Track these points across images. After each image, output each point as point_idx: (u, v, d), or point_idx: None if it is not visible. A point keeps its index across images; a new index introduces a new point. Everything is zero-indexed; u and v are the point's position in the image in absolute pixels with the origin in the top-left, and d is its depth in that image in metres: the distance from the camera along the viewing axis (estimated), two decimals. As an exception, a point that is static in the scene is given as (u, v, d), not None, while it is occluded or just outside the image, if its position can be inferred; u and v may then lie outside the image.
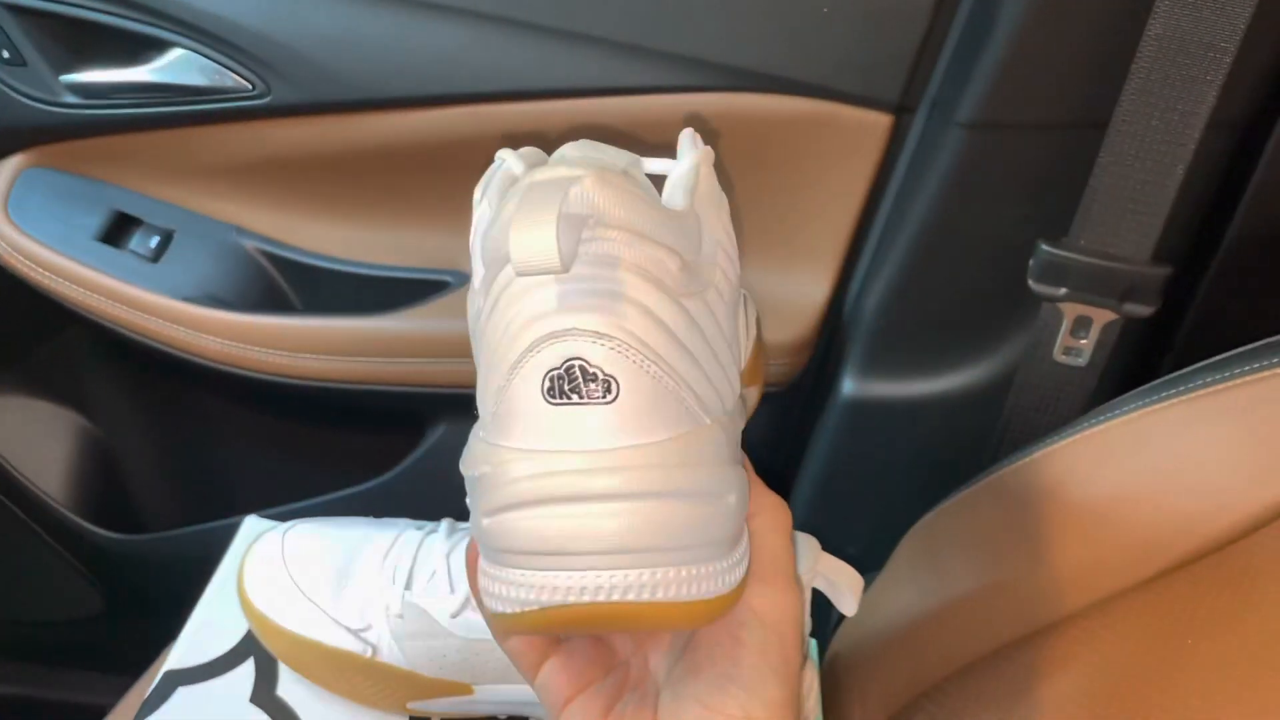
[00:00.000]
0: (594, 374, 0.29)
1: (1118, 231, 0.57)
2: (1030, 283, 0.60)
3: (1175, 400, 0.48)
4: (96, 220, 0.74)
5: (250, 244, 0.75)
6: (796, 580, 0.36)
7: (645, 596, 0.29)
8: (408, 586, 0.51)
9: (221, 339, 0.72)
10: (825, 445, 0.73)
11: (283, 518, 0.60)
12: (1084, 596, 0.47)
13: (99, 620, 0.89)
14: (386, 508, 0.61)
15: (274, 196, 0.75)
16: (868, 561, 0.52)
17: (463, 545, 0.53)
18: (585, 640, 0.37)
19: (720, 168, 0.68)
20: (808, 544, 0.45)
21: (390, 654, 0.51)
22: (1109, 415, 0.50)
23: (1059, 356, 0.61)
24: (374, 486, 0.78)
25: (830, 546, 0.45)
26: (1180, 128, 0.55)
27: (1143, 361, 0.66)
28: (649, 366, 0.29)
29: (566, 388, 0.29)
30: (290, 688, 0.54)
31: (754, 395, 0.47)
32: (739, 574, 0.32)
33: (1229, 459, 0.45)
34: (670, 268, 0.30)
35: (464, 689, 0.52)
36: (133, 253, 0.74)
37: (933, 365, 0.70)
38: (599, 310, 0.29)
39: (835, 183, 0.68)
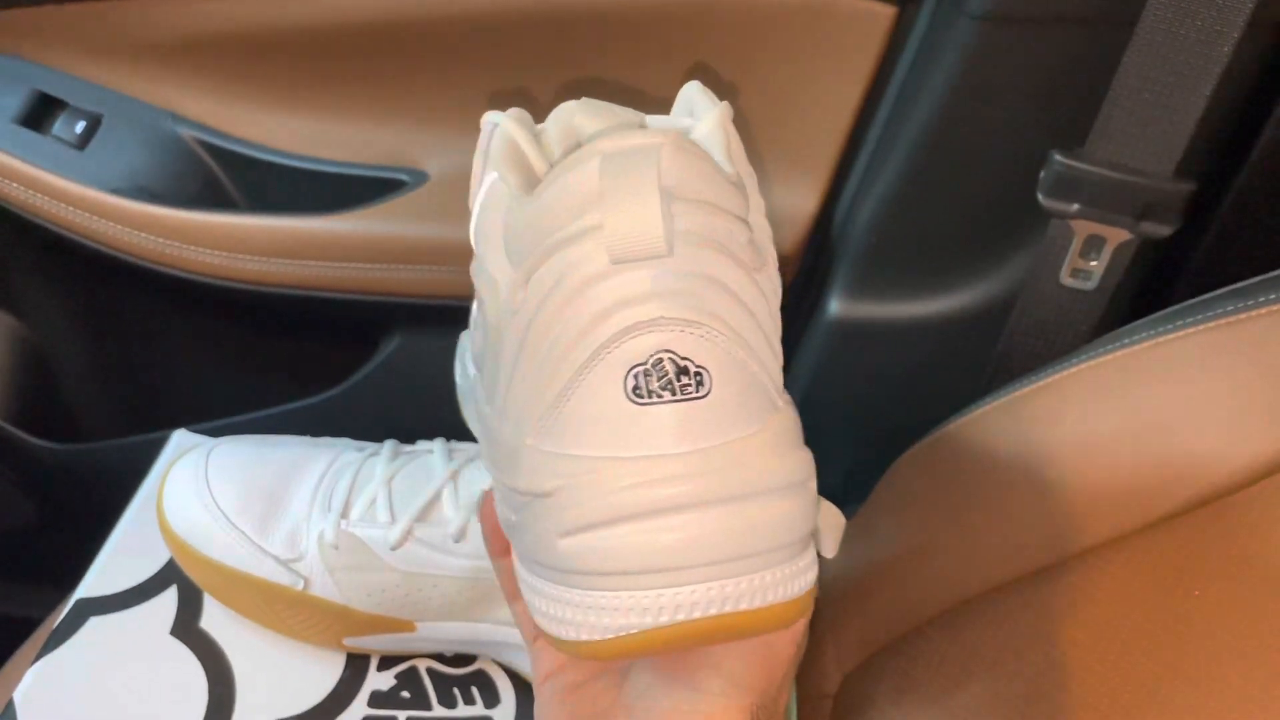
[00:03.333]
0: (685, 366, 0.27)
1: (1139, 142, 0.53)
2: (1040, 197, 0.56)
3: (1190, 330, 0.46)
4: (15, 101, 0.68)
5: (187, 132, 0.70)
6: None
7: (756, 603, 0.28)
8: (344, 515, 0.47)
9: (155, 236, 0.67)
10: (807, 370, 0.70)
11: (222, 431, 0.56)
12: (1078, 541, 0.45)
13: (32, 531, 0.86)
14: (334, 425, 0.58)
15: (214, 80, 0.69)
16: (848, 494, 0.50)
17: (406, 470, 0.49)
18: None
19: (696, 58, 0.63)
20: None
21: (323, 587, 0.47)
22: (1116, 345, 0.47)
23: (1066, 279, 0.57)
24: (321, 401, 0.74)
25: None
26: (1218, 26, 0.50)
27: (1154, 287, 0.62)
28: (737, 353, 0.27)
29: (656, 384, 0.27)
30: (215, 620, 0.50)
31: None
32: (817, 566, 0.31)
33: (1247, 395, 0.43)
34: (742, 241, 0.28)
35: (405, 625, 0.48)
36: (56, 138, 0.68)
37: (927, 286, 0.66)
38: (686, 295, 0.26)
39: (829, 81, 0.63)
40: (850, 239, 0.66)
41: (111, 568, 0.51)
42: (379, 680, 0.49)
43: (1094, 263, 0.56)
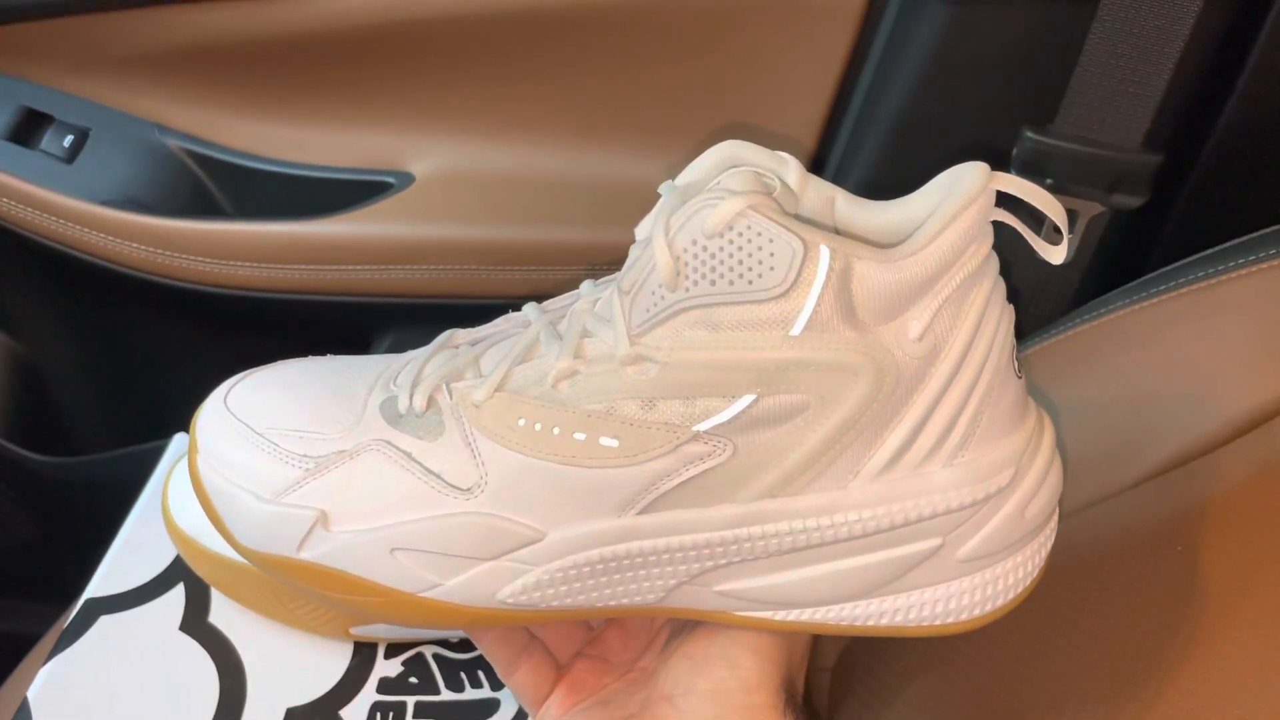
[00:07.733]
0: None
1: (1107, 116, 0.54)
2: (1013, 174, 0.56)
3: (1165, 296, 0.46)
4: (3, 118, 0.69)
5: (173, 143, 0.71)
6: None
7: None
8: (346, 505, 0.47)
9: (146, 246, 0.68)
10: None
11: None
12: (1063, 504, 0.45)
13: (34, 547, 0.85)
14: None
15: (198, 90, 0.70)
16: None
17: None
18: (586, 665, 0.39)
19: (673, 52, 0.64)
20: None
21: (329, 577, 0.47)
22: (1093, 314, 0.48)
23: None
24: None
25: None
26: (1177, 1, 0.51)
27: (1129, 258, 0.63)
28: None
29: (1018, 354, 0.32)
30: (224, 614, 0.50)
31: None
32: None
33: (1222, 357, 0.44)
34: None
35: (410, 612, 0.48)
36: (44, 153, 0.69)
37: (907, 266, 0.66)
38: None
39: (802, 70, 0.64)
40: (830, 224, 0.66)
41: (119, 567, 0.51)
42: (387, 667, 0.50)
43: (1068, 236, 0.57)
